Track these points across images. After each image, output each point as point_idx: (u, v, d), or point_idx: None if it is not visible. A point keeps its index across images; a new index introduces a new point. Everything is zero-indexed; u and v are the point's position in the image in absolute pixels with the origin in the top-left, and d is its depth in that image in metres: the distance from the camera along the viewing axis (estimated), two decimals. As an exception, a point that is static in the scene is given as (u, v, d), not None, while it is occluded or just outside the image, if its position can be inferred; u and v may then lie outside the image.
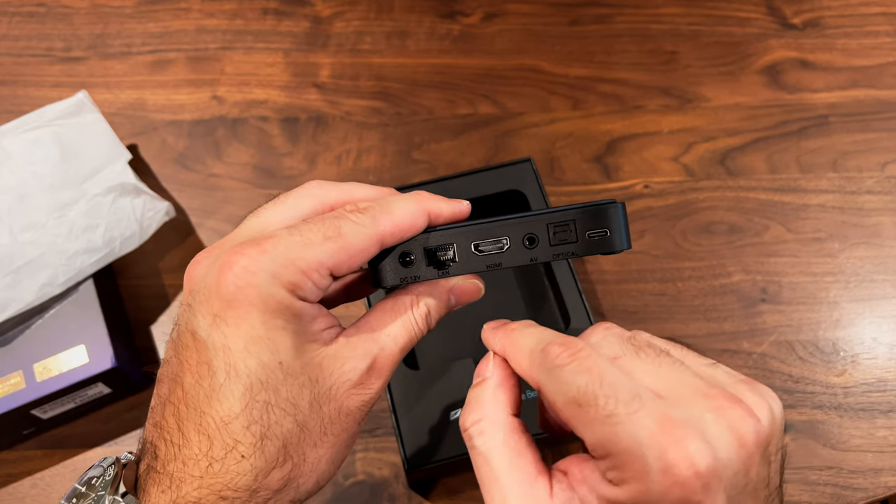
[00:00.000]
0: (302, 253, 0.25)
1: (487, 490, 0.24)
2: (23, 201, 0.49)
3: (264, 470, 0.24)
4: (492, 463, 0.24)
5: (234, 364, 0.24)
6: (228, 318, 0.24)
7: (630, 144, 0.61)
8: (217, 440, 0.24)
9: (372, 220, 0.26)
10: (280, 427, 0.24)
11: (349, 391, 0.26)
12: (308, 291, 0.25)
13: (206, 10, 0.69)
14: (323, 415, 0.25)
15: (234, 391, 0.24)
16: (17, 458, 0.48)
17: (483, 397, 0.26)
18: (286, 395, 0.24)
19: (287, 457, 0.25)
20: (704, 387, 0.22)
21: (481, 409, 0.26)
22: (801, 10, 0.68)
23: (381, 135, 0.61)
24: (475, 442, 0.25)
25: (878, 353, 0.51)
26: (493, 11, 0.69)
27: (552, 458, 0.47)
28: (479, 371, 0.27)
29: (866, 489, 0.46)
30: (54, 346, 0.46)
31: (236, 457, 0.24)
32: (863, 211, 0.57)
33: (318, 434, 0.25)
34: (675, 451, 0.20)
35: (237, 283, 0.24)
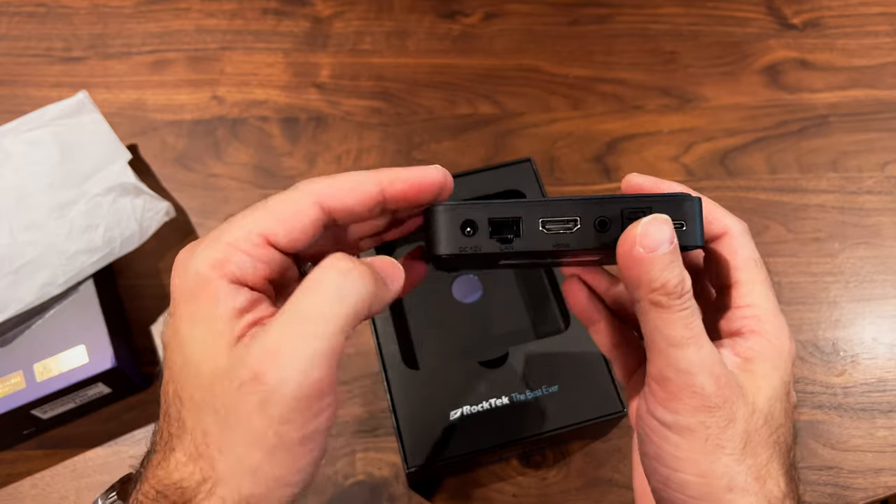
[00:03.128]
0: (227, 230, 0.25)
1: (697, 341, 0.24)
2: (23, 201, 0.49)
3: (182, 464, 0.23)
4: (699, 322, 0.25)
5: (169, 351, 0.24)
6: (171, 308, 0.24)
7: (630, 144, 0.61)
8: (165, 427, 0.24)
9: (304, 185, 0.26)
10: (194, 421, 0.23)
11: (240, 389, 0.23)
12: (238, 262, 0.24)
13: (206, 10, 0.69)
14: (240, 413, 0.22)
15: (169, 379, 0.24)
16: (17, 458, 0.48)
17: (680, 261, 0.24)
18: (194, 393, 0.23)
19: (206, 455, 0.22)
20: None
21: (684, 272, 0.24)
22: (801, 10, 0.68)
23: (381, 135, 0.61)
24: (690, 303, 0.24)
25: (878, 353, 0.51)
26: (493, 11, 0.69)
27: (553, 457, 0.47)
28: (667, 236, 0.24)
29: (866, 489, 0.46)
30: (54, 346, 0.46)
31: (170, 446, 0.23)
32: (863, 211, 0.57)
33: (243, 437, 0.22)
34: (790, 333, 0.27)
35: (180, 278, 0.24)
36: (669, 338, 0.24)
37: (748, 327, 0.26)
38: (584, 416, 0.41)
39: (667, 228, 0.24)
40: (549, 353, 0.43)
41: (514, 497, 0.46)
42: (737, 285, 0.27)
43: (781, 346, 0.26)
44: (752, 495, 0.24)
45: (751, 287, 0.27)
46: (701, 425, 0.24)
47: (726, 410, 0.24)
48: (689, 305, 0.24)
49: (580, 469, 0.47)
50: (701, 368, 0.24)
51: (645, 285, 0.24)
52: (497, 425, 0.42)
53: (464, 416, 0.42)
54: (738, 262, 0.27)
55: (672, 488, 0.25)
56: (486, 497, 0.46)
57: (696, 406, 0.24)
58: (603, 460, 0.47)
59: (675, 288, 0.24)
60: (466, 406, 0.42)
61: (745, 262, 0.27)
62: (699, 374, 0.24)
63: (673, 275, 0.24)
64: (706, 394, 0.24)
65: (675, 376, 0.24)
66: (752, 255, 0.27)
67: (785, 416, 0.26)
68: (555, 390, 0.42)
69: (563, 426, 0.41)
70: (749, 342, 0.26)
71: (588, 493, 0.46)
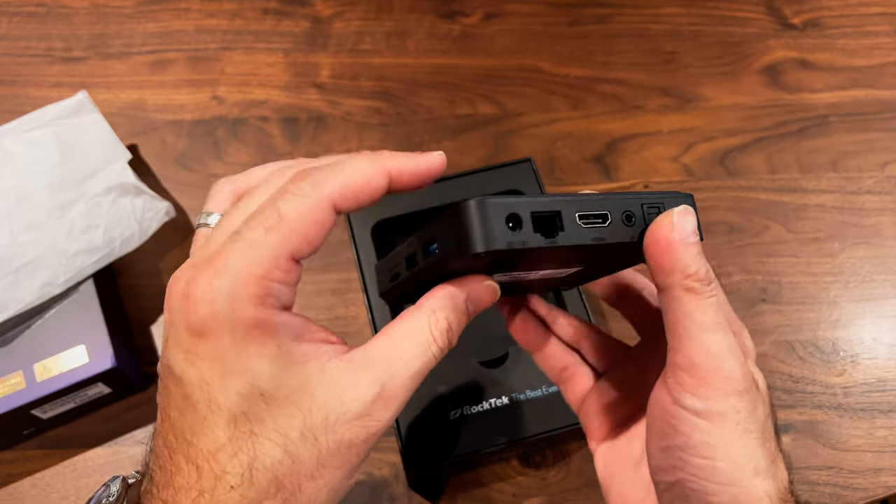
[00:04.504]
0: (251, 258, 0.22)
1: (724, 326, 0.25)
2: (23, 201, 0.49)
3: (255, 500, 0.23)
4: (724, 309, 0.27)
5: (213, 398, 0.23)
6: (199, 352, 0.23)
7: (630, 144, 0.61)
8: (205, 470, 0.23)
9: (313, 187, 0.24)
10: (269, 458, 0.23)
11: (351, 422, 0.23)
12: (277, 293, 0.23)
13: (206, 10, 0.69)
14: (319, 447, 0.23)
15: (217, 423, 0.23)
16: (17, 458, 0.48)
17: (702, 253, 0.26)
18: (272, 426, 0.23)
19: (280, 487, 0.23)
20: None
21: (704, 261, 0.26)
22: (801, 10, 0.68)
23: (381, 135, 0.61)
24: (718, 290, 0.26)
25: (878, 353, 0.51)
26: (493, 11, 0.69)
27: (553, 457, 0.47)
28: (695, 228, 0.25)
29: (866, 489, 0.46)
30: (54, 346, 0.46)
31: (225, 487, 0.23)
32: (863, 211, 0.57)
33: (314, 466, 0.23)
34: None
35: (200, 315, 0.22)
36: (701, 323, 0.25)
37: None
38: (584, 416, 0.41)
39: (693, 220, 0.25)
40: (549, 353, 0.43)
41: (514, 497, 0.46)
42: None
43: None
44: (770, 478, 0.25)
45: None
46: (732, 409, 0.25)
47: (752, 395, 0.25)
48: (716, 292, 0.25)
49: (580, 469, 0.47)
50: (730, 353, 0.25)
51: (679, 271, 0.25)
52: (497, 425, 0.42)
53: (464, 416, 0.42)
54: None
55: (701, 477, 0.25)
56: (486, 497, 0.46)
57: (727, 390, 0.25)
58: (603, 460, 0.47)
59: (707, 274, 0.25)
60: (466, 406, 0.42)
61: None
62: (729, 359, 0.25)
63: (703, 262, 0.25)
64: (736, 377, 0.25)
65: (705, 361, 0.25)
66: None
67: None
68: (555, 390, 0.42)
69: (563, 426, 0.42)
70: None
71: (588, 493, 0.46)
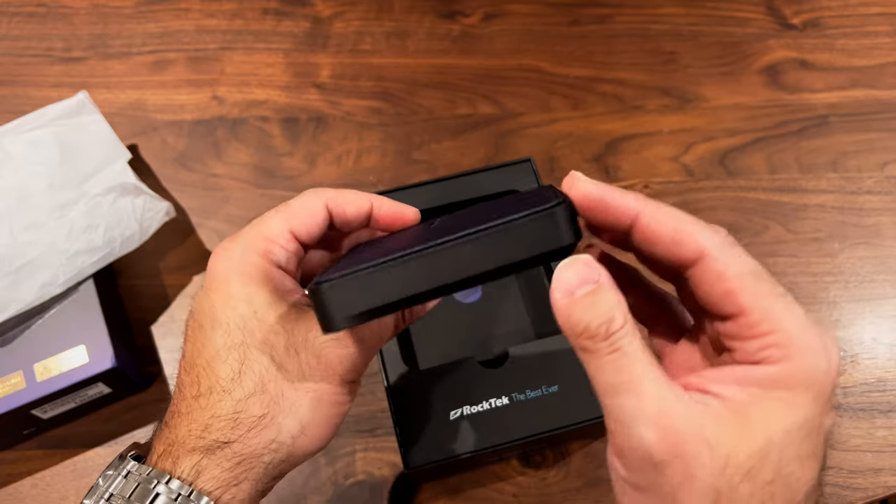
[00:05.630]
0: (263, 226, 0.30)
1: (635, 388, 0.22)
2: (23, 201, 0.49)
3: (242, 399, 0.28)
4: (640, 362, 0.22)
5: (216, 316, 0.29)
6: (213, 287, 0.30)
7: (630, 144, 0.61)
8: (203, 379, 0.28)
9: (315, 191, 0.32)
10: (258, 364, 0.28)
11: (326, 342, 0.29)
12: (277, 254, 0.30)
13: (206, 10, 0.69)
14: (300, 360, 0.29)
15: (215, 336, 0.29)
16: (17, 458, 0.48)
17: (610, 298, 0.23)
18: (261, 338, 0.28)
19: (264, 389, 0.28)
20: None
21: (617, 308, 0.23)
22: (800, 10, 0.68)
23: (381, 135, 0.61)
24: (623, 343, 0.22)
25: (878, 353, 0.51)
26: (493, 11, 0.69)
27: (553, 457, 0.47)
28: (583, 277, 0.23)
29: (866, 489, 0.46)
30: (54, 346, 0.46)
31: (218, 391, 0.28)
32: (863, 211, 0.57)
33: (296, 376, 0.29)
34: (836, 344, 0.22)
35: (218, 261, 0.30)
36: (602, 385, 0.22)
37: (772, 357, 0.22)
38: (584, 416, 0.41)
39: (583, 270, 0.23)
40: (549, 353, 0.43)
41: (514, 497, 0.46)
42: (743, 313, 0.22)
43: (811, 373, 0.21)
44: None
45: (761, 308, 0.22)
46: (652, 484, 0.21)
47: (679, 466, 0.21)
48: (619, 346, 0.22)
49: (580, 469, 0.47)
50: (638, 419, 0.21)
51: (568, 331, 0.23)
52: (497, 425, 0.42)
53: (464, 416, 0.42)
54: (731, 286, 0.22)
55: None
56: (486, 497, 0.46)
57: (640, 461, 0.21)
58: (603, 460, 0.47)
59: (598, 329, 0.22)
60: (466, 406, 0.42)
61: (739, 281, 0.22)
62: (637, 426, 0.21)
63: (593, 316, 0.22)
64: (647, 447, 0.21)
65: (615, 428, 0.22)
66: (744, 269, 0.22)
67: (797, 465, 0.21)
68: (555, 390, 0.42)
69: (563, 426, 0.41)
70: (763, 372, 0.22)
71: (588, 494, 0.46)
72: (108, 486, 0.28)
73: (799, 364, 0.21)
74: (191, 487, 0.27)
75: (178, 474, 0.27)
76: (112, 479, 0.28)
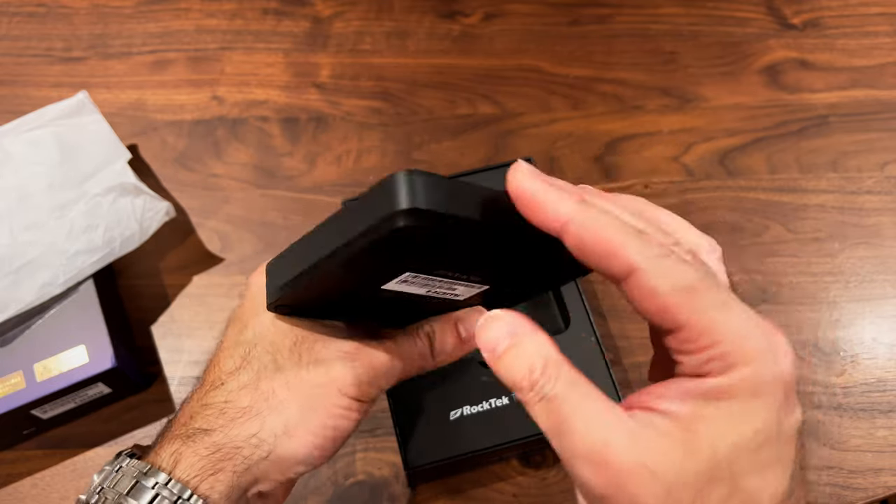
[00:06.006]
0: None
1: (567, 429, 0.22)
2: (23, 201, 0.49)
3: (234, 390, 0.28)
4: (568, 403, 0.22)
5: (239, 318, 0.30)
6: (246, 296, 0.31)
7: (630, 144, 0.61)
8: (210, 374, 0.30)
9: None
10: (258, 361, 0.29)
11: (336, 353, 0.29)
12: None
13: (206, 10, 0.69)
14: (301, 363, 0.29)
15: (231, 334, 0.30)
16: (17, 458, 0.48)
17: (529, 348, 0.23)
18: (271, 338, 0.29)
19: (257, 385, 0.28)
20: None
21: (536, 356, 0.23)
22: (800, 10, 0.68)
23: (381, 135, 0.61)
24: (546, 389, 0.22)
25: (878, 353, 0.51)
26: (493, 11, 0.69)
27: (553, 458, 0.47)
28: (500, 333, 0.24)
29: (866, 489, 0.46)
30: (54, 346, 0.46)
31: (217, 383, 0.29)
32: (863, 211, 0.57)
33: (292, 377, 0.28)
34: (781, 336, 0.21)
35: (257, 275, 0.31)
36: (543, 430, 0.22)
37: (714, 370, 0.21)
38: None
39: (499, 326, 0.24)
40: (549, 353, 0.43)
41: (514, 497, 0.46)
42: (681, 328, 0.21)
43: (757, 380, 0.21)
44: None
45: (698, 322, 0.21)
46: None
47: (623, 498, 0.21)
48: (544, 394, 0.22)
49: (580, 469, 0.47)
50: (574, 458, 0.21)
51: (505, 385, 0.24)
52: (497, 425, 0.42)
53: (464, 416, 0.42)
54: (665, 301, 0.21)
55: None
56: (486, 497, 0.46)
57: (589, 497, 0.22)
58: (603, 460, 0.47)
59: (523, 382, 0.23)
60: (466, 406, 0.42)
61: (672, 297, 0.21)
62: (574, 465, 0.21)
63: (515, 370, 0.23)
64: (587, 484, 0.21)
65: (566, 466, 0.22)
66: (679, 282, 0.21)
67: (756, 476, 0.21)
68: (555, 390, 0.42)
69: (563, 426, 0.41)
70: (707, 385, 0.21)
71: (588, 493, 0.46)
72: (101, 480, 0.28)
73: (743, 373, 0.21)
74: (169, 476, 0.26)
75: (159, 463, 0.27)
76: (107, 473, 0.28)
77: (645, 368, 0.50)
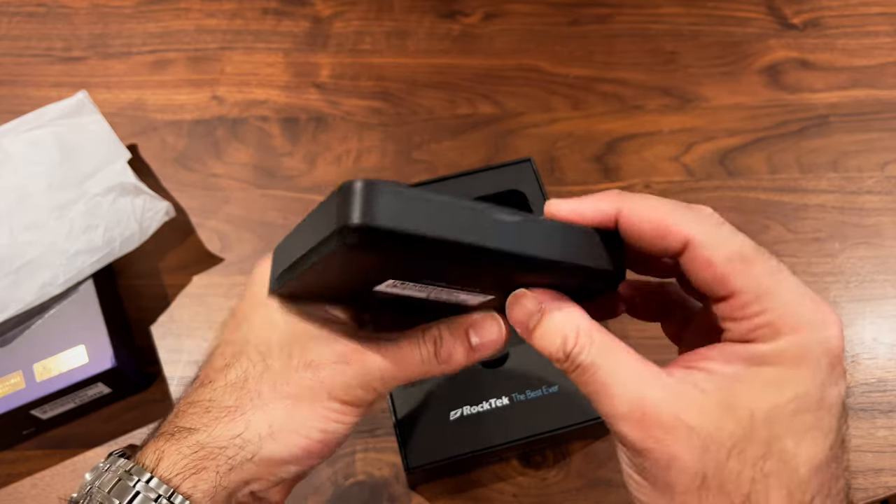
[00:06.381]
0: None
1: (605, 393, 0.23)
2: (23, 201, 0.49)
3: (220, 388, 0.28)
4: (602, 369, 0.23)
5: (236, 315, 0.30)
6: (246, 290, 0.30)
7: (630, 144, 0.60)
8: (202, 371, 0.29)
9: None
10: (247, 359, 0.28)
11: (328, 355, 0.28)
12: None
13: (206, 10, 0.69)
14: (291, 363, 0.28)
15: (226, 332, 0.30)
16: (17, 458, 0.48)
17: (557, 320, 0.24)
18: (262, 337, 0.28)
19: (244, 384, 0.28)
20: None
21: (567, 326, 0.24)
22: (801, 10, 0.68)
23: (381, 135, 0.61)
24: (581, 358, 0.24)
25: (879, 353, 0.51)
26: (493, 11, 0.69)
27: (553, 458, 0.47)
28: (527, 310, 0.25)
29: (866, 489, 0.46)
30: (54, 346, 0.46)
31: (206, 381, 0.29)
32: (863, 211, 0.57)
33: (281, 377, 0.28)
34: (829, 309, 0.22)
35: (259, 266, 0.30)
36: (585, 395, 0.24)
37: (762, 336, 0.22)
38: (584, 417, 0.41)
39: (524, 303, 0.25)
40: (549, 353, 0.43)
41: (514, 497, 0.46)
42: (734, 295, 0.22)
43: (802, 349, 0.21)
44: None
45: (751, 289, 0.22)
46: (643, 471, 0.23)
47: (661, 452, 0.22)
48: (579, 362, 0.23)
49: (580, 469, 0.47)
50: (614, 419, 0.23)
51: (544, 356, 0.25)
52: (497, 425, 0.42)
53: (464, 416, 0.42)
54: (721, 270, 0.22)
55: None
56: (486, 497, 0.46)
57: (630, 452, 0.23)
58: (603, 460, 0.47)
59: (558, 353, 0.24)
60: (466, 406, 0.42)
61: (728, 265, 0.22)
62: (615, 425, 0.23)
63: (548, 343, 0.24)
64: (628, 440, 0.22)
65: (609, 428, 0.23)
66: (732, 251, 0.22)
67: (791, 441, 0.21)
68: (555, 390, 0.42)
69: (563, 426, 0.41)
70: (752, 350, 0.22)
71: (588, 494, 0.46)
72: (92, 479, 0.27)
73: (790, 341, 0.21)
74: (151, 475, 0.26)
75: (143, 462, 0.27)
76: (100, 472, 0.28)
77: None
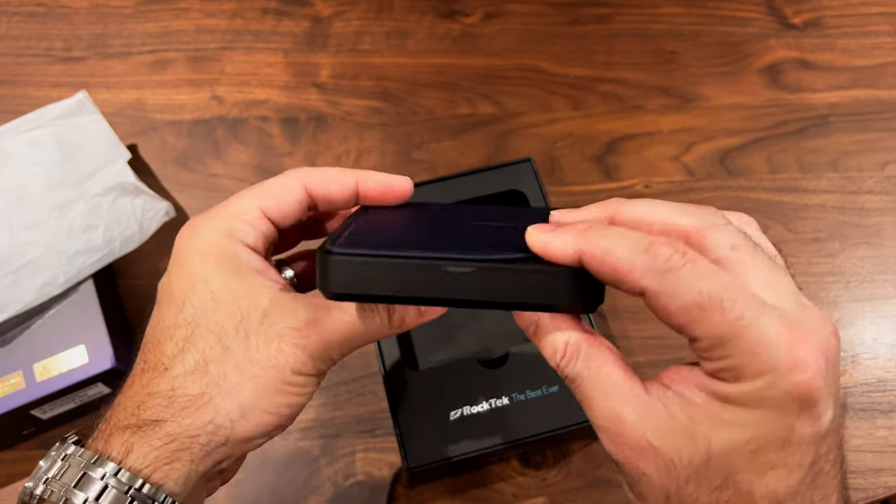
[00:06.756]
0: (231, 203, 0.30)
1: (588, 405, 0.25)
2: (23, 201, 0.49)
3: (180, 376, 0.27)
4: (587, 381, 0.25)
5: (172, 293, 0.29)
6: (174, 264, 0.29)
7: (630, 144, 0.60)
8: (150, 355, 0.28)
9: (293, 171, 0.31)
10: (203, 342, 0.27)
11: (283, 331, 0.28)
12: (243, 231, 0.29)
13: (206, 10, 0.69)
14: (249, 343, 0.27)
15: (168, 313, 0.28)
16: (17, 458, 0.48)
17: (548, 335, 0.26)
18: (213, 318, 0.28)
19: (206, 369, 0.27)
20: (802, 298, 0.23)
21: (558, 340, 0.25)
22: (801, 10, 0.68)
23: (381, 135, 0.61)
24: (568, 370, 0.25)
25: (879, 353, 0.51)
26: (493, 11, 0.69)
27: (553, 458, 0.47)
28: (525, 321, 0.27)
29: (866, 489, 0.46)
30: (54, 346, 0.46)
31: (160, 368, 0.27)
32: (863, 211, 0.57)
33: (242, 358, 0.27)
34: (803, 350, 0.21)
35: (182, 239, 0.29)
36: (579, 401, 0.25)
37: (727, 378, 0.22)
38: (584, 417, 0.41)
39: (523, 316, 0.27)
40: (549, 353, 0.43)
41: (514, 497, 0.46)
42: (695, 340, 0.22)
43: (764, 393, 0.21)
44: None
45: (711, 338, 0.22)
46: (624, 477, 0.25)
47: (632, 467, 0.24)
48: (566, 374, 0.25)
49: (580, 469, 0.47)
50: (597, 429, 0.25)
51: None
52: (497, 425, 0.42)
53: (464, 417, 0.42)
54: (677, 321, 0.22)
55: None
56: (486, 497, 0.46)
57: (612, 462, 0.25)
58: (603, 460, 0.47)
59: (551, 362, 0.26)
60: (466, 406, 0.42)
61: (684, 315, 0.22)
62: (599, 434, 0.25)
63: (546, 353, 0.26)
64: (609, 452, 0.24)
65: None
66: (690, 298, 0.21)
67: (754, 475, 0.22)
68: (555, 390, 0.42)
69: (563, 426, 0.41)
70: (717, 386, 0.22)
71: (588, 494, 0.46)
72: (48, 467, 0.27)
73: (752, 385, 0.21)
74: (119, 466, 0.26)
75: (109, 453, 0.26)
76: (52, 461, 0.27)
77: (645, 368, 0.50)
